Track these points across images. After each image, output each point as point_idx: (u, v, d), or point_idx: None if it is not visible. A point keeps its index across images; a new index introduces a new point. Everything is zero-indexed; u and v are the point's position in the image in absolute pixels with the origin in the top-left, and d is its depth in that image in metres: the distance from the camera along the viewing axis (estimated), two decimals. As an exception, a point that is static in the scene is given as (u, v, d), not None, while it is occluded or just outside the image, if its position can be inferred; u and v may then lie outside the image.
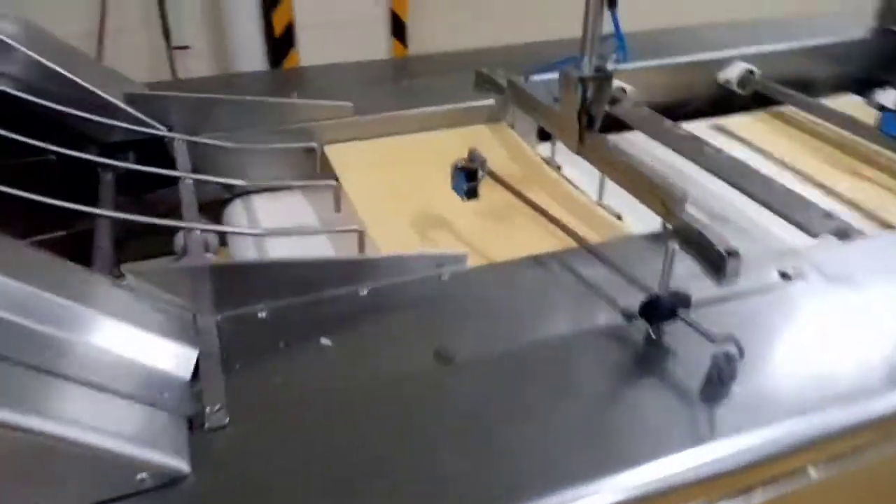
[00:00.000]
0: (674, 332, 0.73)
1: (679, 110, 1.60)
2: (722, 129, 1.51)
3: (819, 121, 1.47)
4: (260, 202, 1.21)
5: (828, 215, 1.04)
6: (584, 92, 1.08)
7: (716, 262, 0.83)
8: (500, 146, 1.28)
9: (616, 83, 1.49)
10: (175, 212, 1.21)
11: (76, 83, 1.07)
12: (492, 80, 1.38)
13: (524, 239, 0.99)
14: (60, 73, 1.05)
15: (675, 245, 0.68)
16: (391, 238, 1.00)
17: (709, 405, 0.65)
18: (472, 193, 0.99)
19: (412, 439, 0.61)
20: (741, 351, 0.66)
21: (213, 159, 1.19)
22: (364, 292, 0.79)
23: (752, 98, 1.60)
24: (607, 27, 1.17)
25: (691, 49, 1.62)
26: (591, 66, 1.05)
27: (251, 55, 3.04)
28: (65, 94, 1.06)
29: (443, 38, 3.34)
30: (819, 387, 0.68)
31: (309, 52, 3.12)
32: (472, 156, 0.98)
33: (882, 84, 1.66)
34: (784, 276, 0.82)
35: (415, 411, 0.64)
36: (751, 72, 1.58)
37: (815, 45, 1.68)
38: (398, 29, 3.23)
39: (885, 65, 1.70)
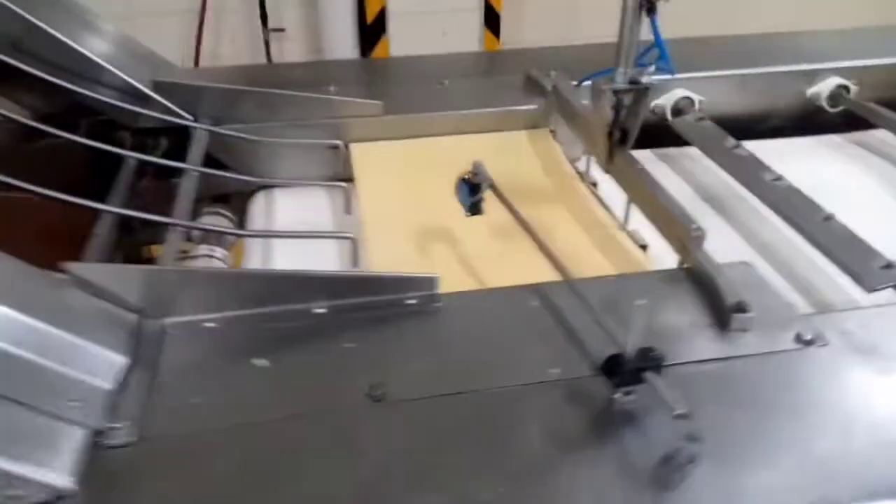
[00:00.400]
0: (645, 396, 0.63)
1: (758, 126, 1.44)
2: (799, 151, 1.34)
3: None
4: (281, 197, 1.19)
5: (891, 266, 0.88)
6: (618, 105, 0.98)
7: (722, 315, 0.73)
8: (532, 155, 1.19)
9: (684, 93, 1.37)
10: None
11: (105, 68, 1.08)
12: (539, 83, 1.30)
13: (527, 264, 0.91)
14: (89, 58, 1.07)
15: (641, 301, 0.58)
16: (387, 249, 0.95)
17: (659, 492, 0.56)
18: (475, 209, 0.92)
19: (308, 486, 0.56)
20: (694, 437, 0.56)
21: (237, 151, 1.18)
22: (321, 310, 0.74)
23: (843, 118, 1.42)
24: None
25: (779, 58, 1.45)
26: (626, 76, 0.95)
27: (343, 40, 3.06)
28: (93, 77, 1.08)
29: (540, 30, 3.24)
30: (809, 488, 0.57)
31: (400, 40, 3.10)
32: (476, 168, 0.90)
33: None
34: (801, 340, 0.70)
35: (329, 454, 0.59)
36: (845, 88, 1.40)
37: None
38: (492, 19, 3.15)
39: None
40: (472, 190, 0.91)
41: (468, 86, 1.37)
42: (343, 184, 1.06)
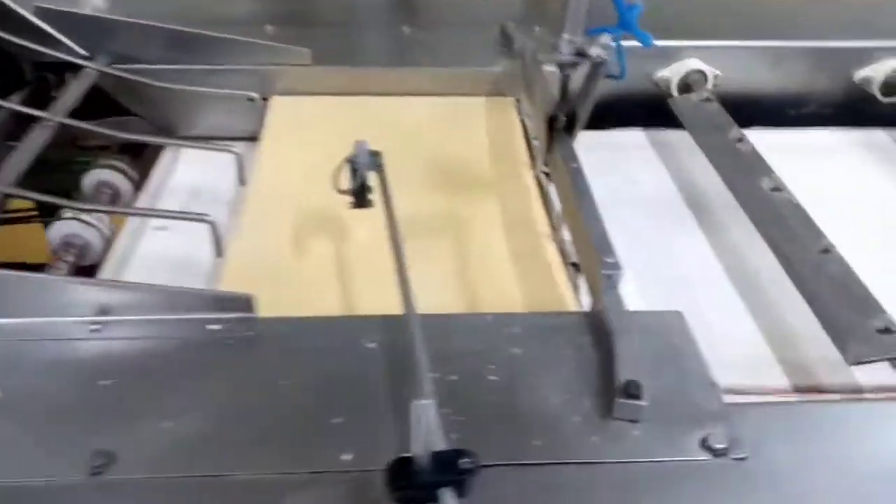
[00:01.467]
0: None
1: (789, 112, 1.18)
2: (832, 149, 1.08)
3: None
4: (190, 154, 1.03)
5: (890, 331, 0.66)
6: (564, 82, 0.76)
7: (609, 395, 0.53)
8: (483, 129, 0.98)
9: (696, 65, 1.12)
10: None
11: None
12: (510, 41, 1.07)
13: (433, 281, 0.72)
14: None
15: (425, 401, 0.39)
16: (252, 241, 0.77)
17: None
18: (358, 200, 0.73)
19: None
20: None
21: (143, 97, 1.02)
22: (94, 328, 0.58)
23: (899, 110, 1.14)
24: None
25: (823, 29, 1.16)
26: (571, 45, 0.73)
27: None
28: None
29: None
30: None
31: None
32: (358, 149, 0.71)
33: None
34: (707, 447, 0.50)
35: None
36: (904, 72, 1.12)
37: None
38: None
39: None
40: (354, 176, 0.72)
41: (437, 35, 1.16)
42: (235, 148, 0.88)
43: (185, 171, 0.98)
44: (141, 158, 1.05)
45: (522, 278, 0.73)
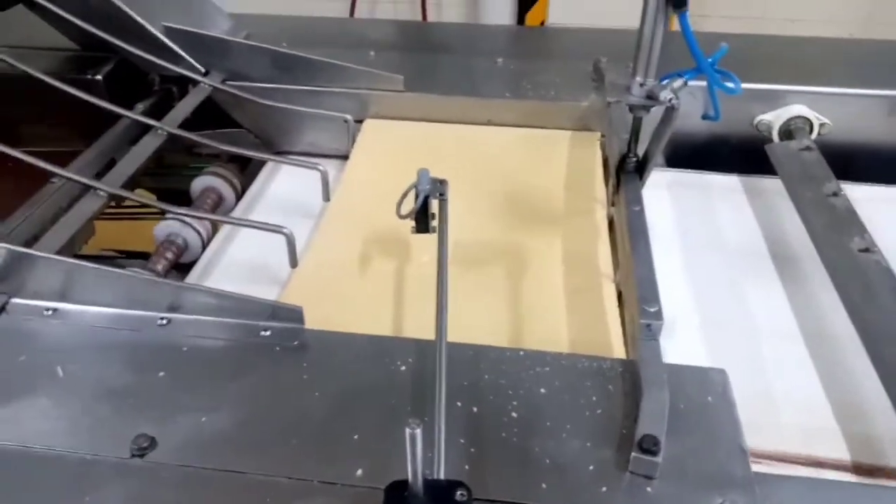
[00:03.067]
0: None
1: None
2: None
3: None
4: (290, 168, 1.09)
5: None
6: (635, 124, 0.76)
7: (628, 448, 0.52)
8: (564, 163, 0.98)
9: (802, 111, 1.07)
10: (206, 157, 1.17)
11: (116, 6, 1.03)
12: (602, 76, 1.07)
13: (481, 311, 0.74)
14: (105, -3, 1.03)
15: (415, 429, 0.41)
16: (326, 256, 0.82)
17: None
18: (419, 225, 0.75)
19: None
20: None
21: (249, 112, 1.11)
22: (163, 321, 0.64)
23: None
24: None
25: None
26: (643, 89, 0.72)
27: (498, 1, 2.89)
28: (107, 13, 1.04)
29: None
30: None
31: (561, 4, 2.86)
32: (420, 178, 0.73)
33: None
34: (722, 513, 0.48)
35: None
36: None
37: None
38: (667, -11, 2.78)
39: None
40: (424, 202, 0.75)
41: (529, 67, 1.17)
42: (320, 167, 0.94)
43: (281, 184, 1.05)
44: (247, 168, 1.13)
45: (573, 317, 0.72)
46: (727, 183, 1.05)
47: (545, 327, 0.71)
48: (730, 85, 0.76)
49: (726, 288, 0.85)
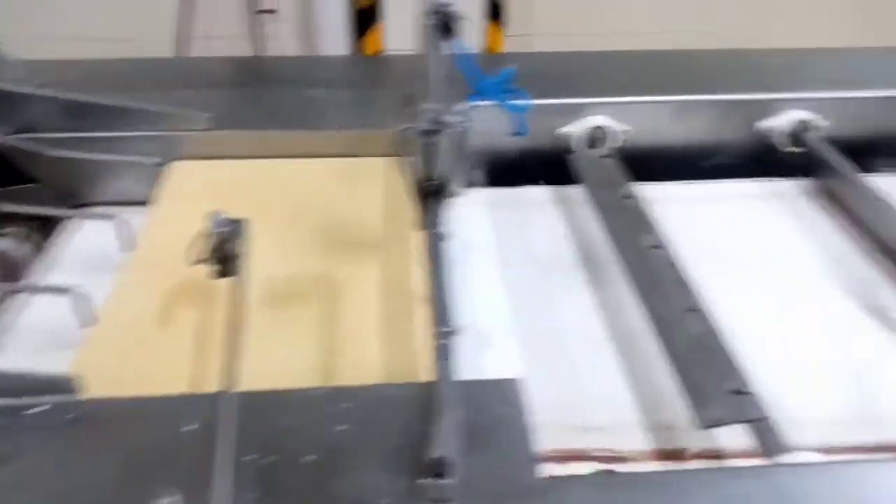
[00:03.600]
0: None
1: (699, 164, 1.18)
2: (732, 199, 1.09)
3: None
4: (94, 222, 1.02)
5: (740, 392, 0.65)
6: (427, 150, 0.77)
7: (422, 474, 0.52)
8: (375, 191, 0.98)
9: (601, 121, 1.13)
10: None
11: None
12: (412, 102, 1.08)
13: (294, 352, 0.71)
14: None
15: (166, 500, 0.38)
16: (128, 311, 0.77)
17: None
18: (221, 270, 0.72)
19: None
20: None
21: (46, 166, 1.03)
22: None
23: (805, 160, 1.15)
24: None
25: (730, 83, 1.18)
26: (433, 114, 0.74)
27: (334, 25, 2.89)
28: None
29: (562, 21, 2.97)
30: None
31: (397, 29, 2.90)
32: (213, 221, 0.71)
33: None
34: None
35: None
36: (807, 124, 1.13)
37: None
38: (495, 9, 2.90)
39: None
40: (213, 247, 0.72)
41: (351, 96, 1.18)
42: (112, 215, 0.88)
43: (86, 239, 0.98)
44: (47, 227, 1.05)
45: (387, 344, 0.72)
46: (540, 195, 1.10)
47: (359, 359, 0.70)
48: (519, 102, 0.80)
49: (542, 297, 0.88)
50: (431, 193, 0.79)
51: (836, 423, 0.71)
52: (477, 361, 0.75)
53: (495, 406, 0.57)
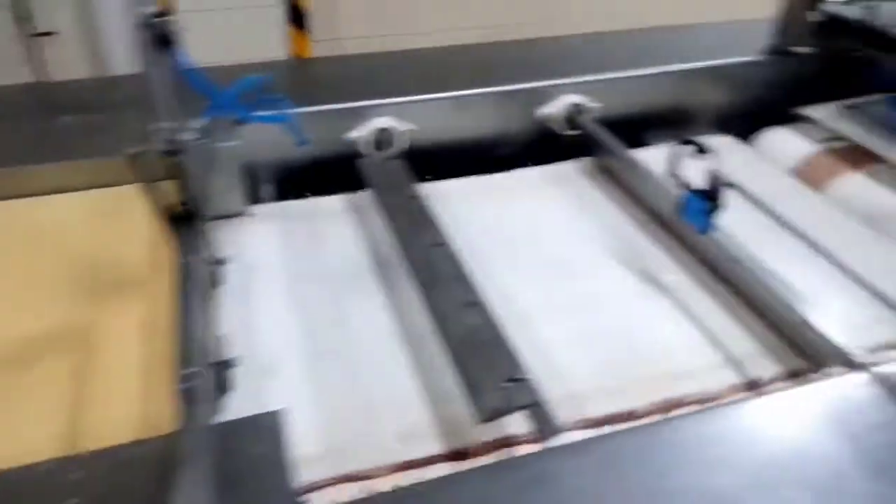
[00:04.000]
0: None
1: (485, 156, 1.20)
2: (517, 187, 1.12)
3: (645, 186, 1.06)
4: None
5: (519, 380, 0.66)
6: (171, 169, 0.71)
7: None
8: (128, 223, 0.89)
9: (385, 122, 1.12)
10: None
11: None
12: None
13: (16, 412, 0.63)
14: None
15: None
16: None
17: None
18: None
19: None
20: None
21: None
22: None
23: (583, 141, 1.21)
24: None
25: (507, 74, 1.22)
26: (167, 134, 0.68)
27: (124, 45, 2.69)
28: None
29: (364, 23, 2.95)
30: None
31: (192, 43, 2.74)
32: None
33: (757, 123, 1.25)
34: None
35: None
36: (578, 107, 1.19)
37: (685, 70, 1.27)
38: (297, 15, 2.84)
39: (777, 95, 1.29)
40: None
41: (103, 121, 1.08)
42: None
43: None
44: None
45: (146, 396, 0.66)
46: (332, 204, 1.07)
47: (113, 416, 0.64)
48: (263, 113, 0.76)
49: (332, 311, 0.85)
50: (186, 218, 0.73)
51: (614, 391, 0.75)
52: (258, 394, 0.72)
53: (251, 446, 0.54)
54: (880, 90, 1.25)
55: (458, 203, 1.07)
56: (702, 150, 0.85)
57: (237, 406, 0.70)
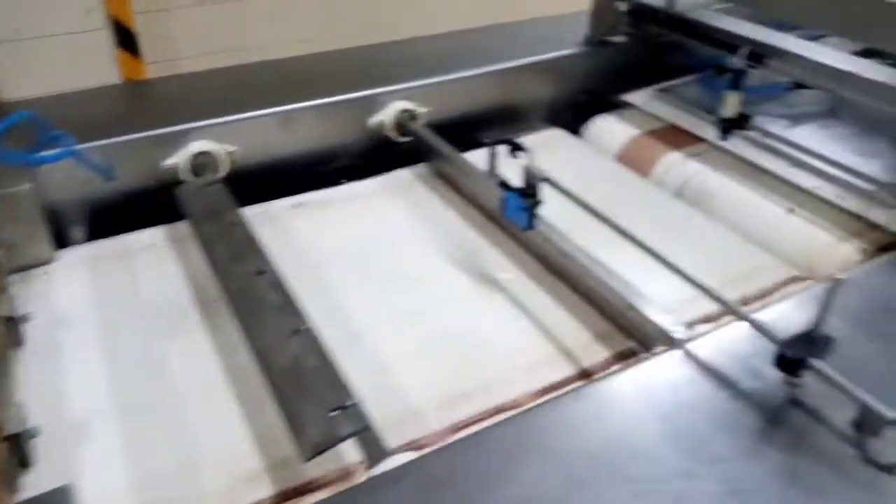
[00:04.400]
0: None
1: (320, 170, 1.16)
2: (354, 199, 1.09)
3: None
4: None
5: (343, 409, 0.63)
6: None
7: None
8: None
9: (204, 146, 1.05)
10: None
11: None
12: None
13: None
14: None
15: None
16: None
17: None
18: None
19: None
20: None
21: None
22: None
23: (417, 148, 1.19)
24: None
25: (342, 83, 1.18)
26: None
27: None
28: None
29: (202, 41, 2.81)
30: None
31: (13, 73, 2.52)
32: None
33: (583, 112, 1.29)
34: None
35: None
36: (409, 113, 1.18)
37: (510, 68, 1.28)
38: (126, 37, 2.67)
39: (600, 84, 1.33)
40: None
41: None
42: None
43: None
44: None
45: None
46: (148, 239, 0.99)
47: None
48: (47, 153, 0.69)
49: (150, 360, 0.78)
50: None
51: (455, 398, 0.73)
52: (67, 463, 0.65)
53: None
54: (692, 71, 1.32)
55: (291, 223, 1.03)
56: (516, 148, 0.86)
57: (42, 480, 0.63)
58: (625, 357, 0.79)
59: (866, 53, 1.07)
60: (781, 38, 1.08)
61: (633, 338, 0.81)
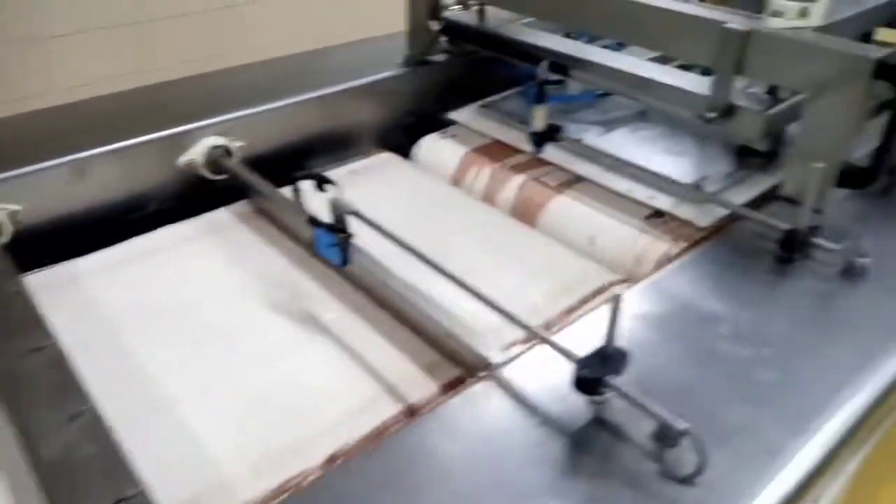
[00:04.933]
0: None
1: (131, 217, 1.07)
2: (174, 247, 1.01)
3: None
4: None
5: (125, 500, 0.56)
6: None
7: None
8: None
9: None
10: None
11: None
12: None
13: None
14: None
15: None
16: None
17: None
18: None
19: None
20: None
21: None
22: None
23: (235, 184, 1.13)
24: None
25: (148, 121, 1.09)
26: None
27: None
28: None
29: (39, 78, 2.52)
30: None
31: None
32: None
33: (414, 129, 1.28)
34: None
35: None
36: (222, 148, 1.11)
37: (330, 94, 1.24)
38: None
39: (425, 104, 1.32)
40: None
41: None
42: None
43: None
44: None
45: None
46: None
47: None
48: None
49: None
50: None
51: (273, 462, 0.68)
52: None
53: None
54: (515, 85, 1.34)
55: (89, 283, 0.93)
56: (323, 181, 0.82)
57: None
58: (453, 386, 0.76)
59: (664, 60, 1.12)
60: (581, 48, 1.11)
61: (462, 365, 0.79)
